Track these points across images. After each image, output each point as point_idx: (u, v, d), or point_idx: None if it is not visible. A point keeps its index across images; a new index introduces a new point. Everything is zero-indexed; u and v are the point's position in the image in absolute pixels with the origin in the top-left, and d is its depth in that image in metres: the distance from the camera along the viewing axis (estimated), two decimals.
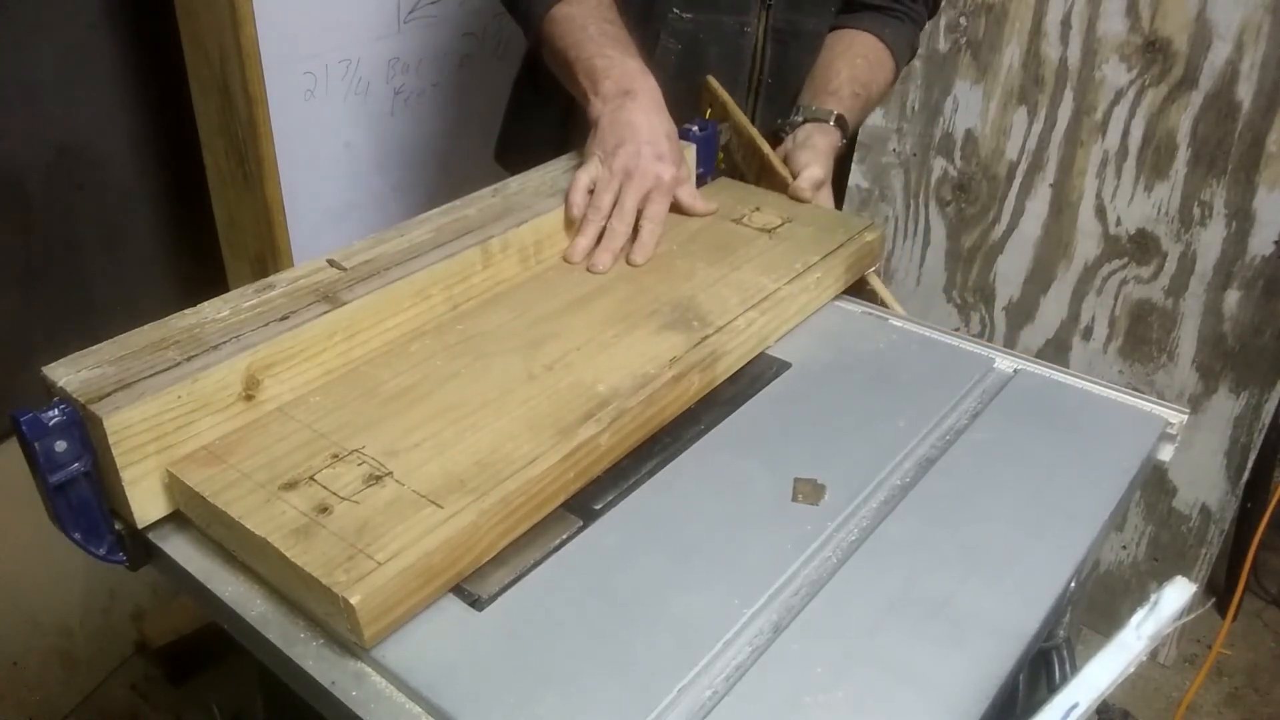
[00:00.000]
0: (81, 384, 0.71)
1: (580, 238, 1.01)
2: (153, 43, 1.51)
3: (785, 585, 0.70)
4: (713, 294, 0.95)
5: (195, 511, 0.72)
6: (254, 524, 0.67)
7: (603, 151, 1.03)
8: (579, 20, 1.11)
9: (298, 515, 0.67)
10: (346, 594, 0.61)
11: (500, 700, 0.61)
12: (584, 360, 0.85)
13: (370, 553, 0.64)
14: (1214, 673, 2.05)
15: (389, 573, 0.63)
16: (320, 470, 0.72)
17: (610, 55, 1.07)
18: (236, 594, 0.70)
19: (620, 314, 0.92)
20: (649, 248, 1.01)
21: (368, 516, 0.67)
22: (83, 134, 1.53)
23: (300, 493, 0.70)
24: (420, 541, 0.65)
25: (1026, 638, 0.66)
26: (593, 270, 0.98)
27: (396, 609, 0.64)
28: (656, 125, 1.04)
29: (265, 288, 0.86)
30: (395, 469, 0.72)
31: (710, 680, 0.63)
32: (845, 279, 1.04)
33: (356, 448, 0.74)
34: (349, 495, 0.69)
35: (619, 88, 1.04)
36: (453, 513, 0.68)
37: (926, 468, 0.81)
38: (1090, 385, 0.91)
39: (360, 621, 0.61)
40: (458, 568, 0.68)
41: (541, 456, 0.73)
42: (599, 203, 1.01)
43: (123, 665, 1.92)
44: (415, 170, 1.72)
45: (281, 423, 0.77)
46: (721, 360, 0.89)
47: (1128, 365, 1.93)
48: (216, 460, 0.73)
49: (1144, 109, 1.74)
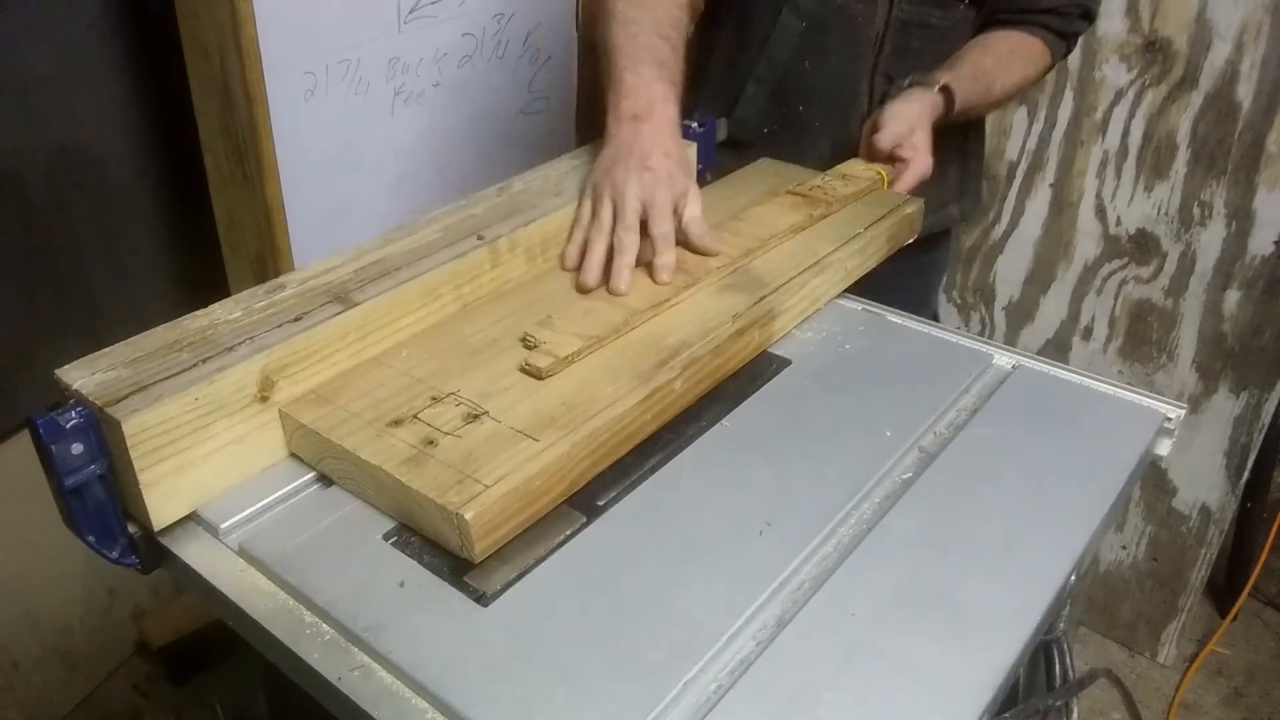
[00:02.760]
0: (97, 386, 0.72)
1: (589, 259, 0.97)
2: (153, 43, 1.52)
3: (788, 580, 0.70)
4: (767, 259, 1.01)
5: (308, 447, 0.79)
6: (369, 454, 0.73)
7: (596, 175, 1.02)
8: (634, 26, 1.07)
9: (407, 447, 0.74)
10: (461, 510, 0.67)
11: (506, 695, 0.61)
12: (655, 315, 0.92)
13: (478, 477, 0.71)
14: (1214, 673, 2.06)
15: (496, 494, 0.69)
16: (422, 410, 0.79)
17: (641, 73, 1.04)
18: (245, 594, 0.70)
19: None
20: (671, 263, 0.96)
21: (471, 448, 0.74)
22: (83, 134, 1.53)
23: (407, 429, 0.76)
24: (522, 468, 0.72)
25: (1027, 631, 0.66)
26: (614, 293, 0.94)
27: (503, 527, 0.70)
28: (655, 144, 1.00)
29: (276, 288, 0.86)
30: (490, 408, 0.79)
31: (715, 675, 0.63)
32: (887, 249, 1.10)
33: (453, 391, 0.81)
34: (451, 430, 0.76)
35: (633, 109, 1.03)
36: (548, 444, 0.74)
37: (927, 463, 0.82)
38: (1088, 380, 0.92)
39: (473, 536, 0.67)
40: (554, 493, 0.74)
41: (622, 398, 0.80)
42: (599, 222, 0.98)
43: (123, 665, 1.92)
44: (415, 170, 1.72)
45: (379, 371, 0.84)
46: (779, 318, 0.95)
47: (1127, 365, 1.93)
48: (325, 402, 0.80)
49: (1144, 109, 1.74)
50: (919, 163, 1.15)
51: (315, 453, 0.78)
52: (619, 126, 1.03)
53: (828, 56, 1.26)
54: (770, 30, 1.26)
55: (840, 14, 1.24)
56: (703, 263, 0.98)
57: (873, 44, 1.25)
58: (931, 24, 1.26)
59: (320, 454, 0.78)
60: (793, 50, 1.27)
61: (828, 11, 1.25)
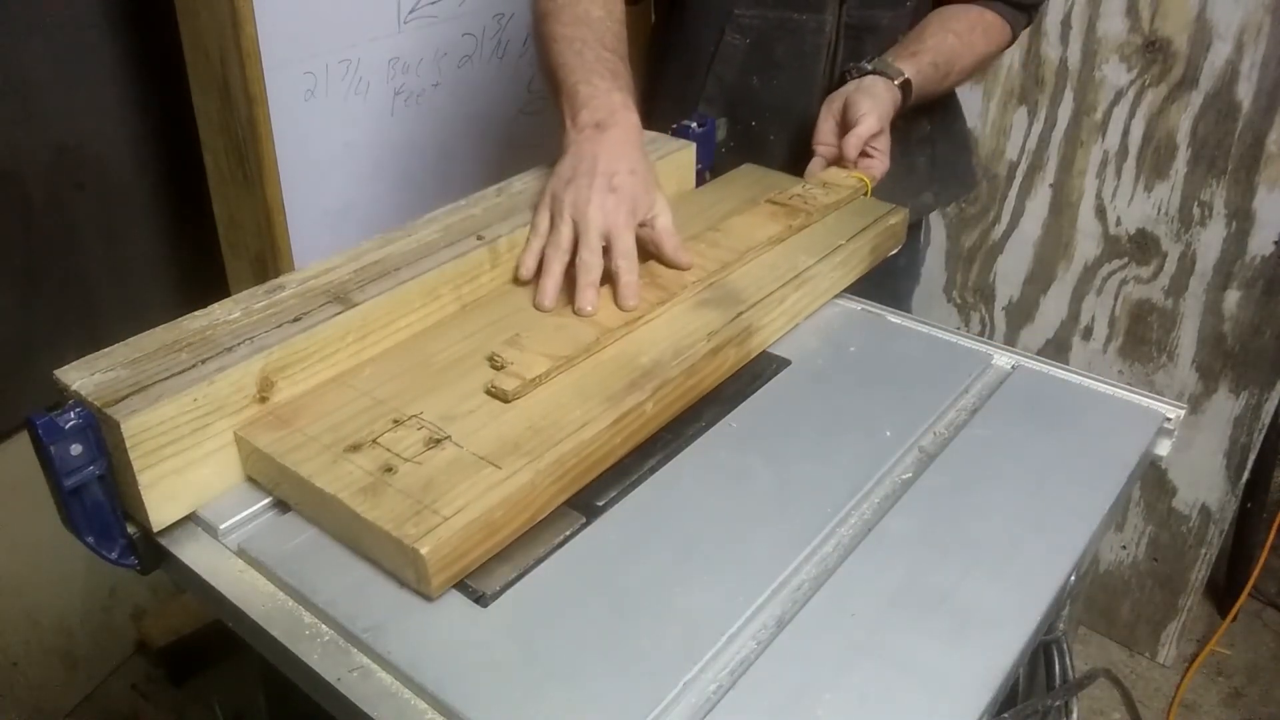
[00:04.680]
0: (96, 387, 0.71)
1: (545, 279, 0.93)
2: (153, 42, 1.52)
3: (788, 580, 0.70)
4: (745, 272, 0.98)
5: (263, 472, 0.76)
6: (324, 482, 0.70)
7: (555, 185, 0.96)
8: (578, 43, 1.05)
9: (364, 474, 0.71)
10: (417, 545, 0.64)
11: (505, 695, 0.61)
12: (627, 334, 0.88)
13: (436, 508, 0.68)
14: (1214, 673, 2.06)
15: (454, 526, 0.66)
16: (382, 434, 0.75)
17: (596, 84, 1.01)
18: (245, 594, 0.70)
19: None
20: (634, 285, 0.91)
21: (431, 475, 0.71)
22: (83, 134, 1.53)
23: (365, 454, 0.73)
24: (482, 498, 0.69)
25: (1027, 631, 0.66)
26: (580, 314, 0.89)
27: (461, 560, 0.67)
28: (618, 157, 0.96)
29: (275, 289, 0.86)
30: (453, 433, 0.76)
31: (715, 675, 0.63)
32: (870, 260, 1.07)
33: (415, 413, 0.78)
34: (411, 457, 0.73)
35: (594, 118, 0.98)
36: (511, 472, 0.71)
37: (926, 463, 0.82)
38: (1088, 380, 0.92)
39: (429, 571, 0.65)
40: (516, 524, 0.71)
41: (591, 422, 0.77)
42: (557, 238, 0.94)
43: (123, 665, 1.92)
44: (415, 170, 1.72)
45: (341, 391, 0.81)
46: (756, 335, 0.92)
47: (1128, 365, 1.93)
48: (283, 424, 0.76)
49: (1144, 109, 1.74)
50: (877, 167, 1.15)
51: (271, 478, 0.75)
52: (579, 134, 0.98)
53: (777, 71, 1.26)
54: (715, 49, 1.25)
55: (784, 27, 1.24)
56: (677, 277, 0.95)
57: (824, 53, 1.25)
58: (880, 26, 1.26)
59: (276, 479, 0.75)
60: (740, 68, 1.26)
61: (770, 26, 1.24)
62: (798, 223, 1.05)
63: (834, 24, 1.23)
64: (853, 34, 1.25)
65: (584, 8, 1.07)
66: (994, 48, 1.30)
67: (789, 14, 1.23)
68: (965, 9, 1.27)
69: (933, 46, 1.22)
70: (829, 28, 1.24)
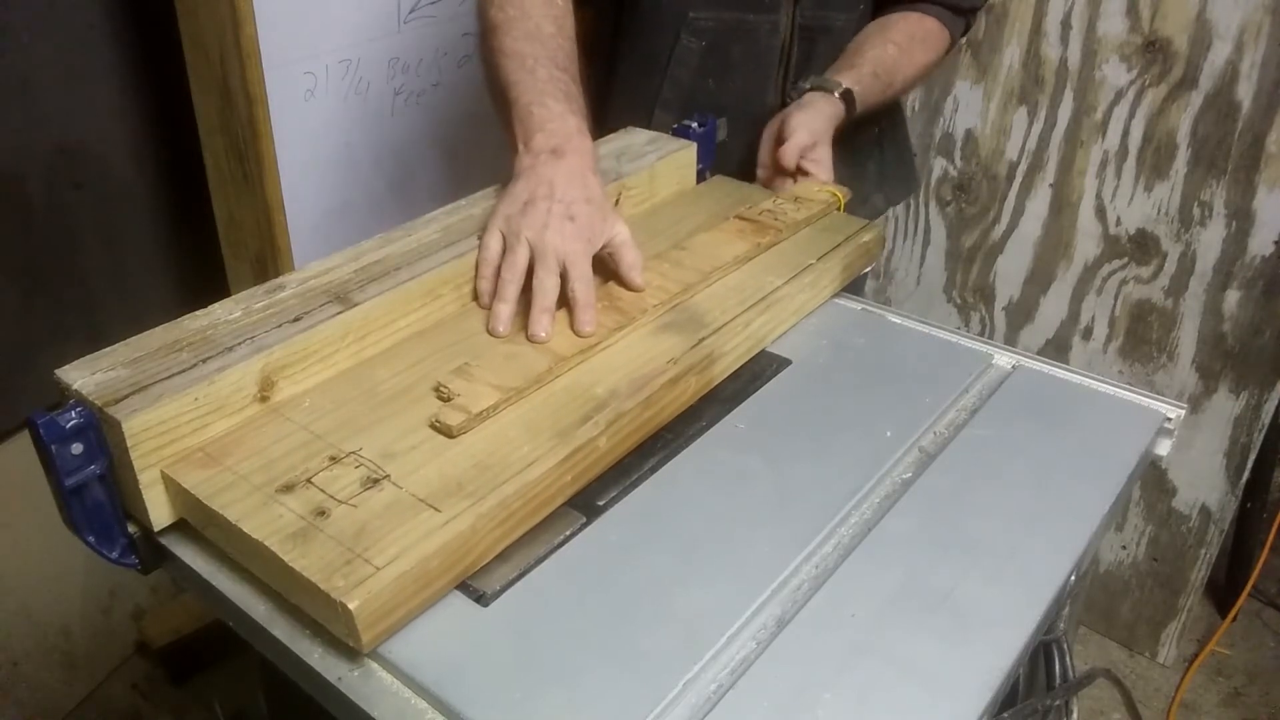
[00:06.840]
0: (97, 386, 0.71)
1: (499, 304, 0.89)
2: (153, 42, 1.52)
3: (788, 580, 0.70)
4: (710, 294, 0.94)
5: (192, 513, 0.72)
6: (251, 527, 0.66)
7: (510, 209, 0.93)
8: (530, 60, 1.02)
9: (295, 519, 0.67)
10: (344, 599, 0.60)
11: (506, 695, 0.61)
12: (582, 362, 0.85)
13: (368, 557, 0.63)
14: (1214, 673, 2.06)
15: (386, 578, 0.62)
16: (318, 473, 0.71)
17: (550, 106, 0.98)
18: (245, 594, 0.70)
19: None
20: (591, 310, 0.87)
21: (365, 520, 0.67)
22: (83, 134, 1.53)
23: (298, 495, 0.69)
24: (418, 546, 0.64)
25: (1027, 631, 0.66)
26: (534, 340, 0.85)
27: (394, 614, 0.63)
28: (575, 185, 0.93)
29: (276, 288, 0.86)
30: (393, 471, 0.71)
31: (715, 674, 0.63)
32: (842, 279, 1.04)
33: (354, 450, 0.73)
34: (346, 499, 0.69)
35: (549, 144, 0.95)
36: (450, 517, 0.67)
37: (927, 463, 0.82)
38: (1088, 380, 0.92)
39: (358, 627, 0.61)
40: (455, 572, 0.67)
41: (540, 459, 0.73)
42: (513, 260, 0.90)
43: (123, 665, 1.92)
44: (415, 170, 1.72)
45: (278, 424, 0.76)
46: (719, 362, 0.88)
47: (1128, 365, 1.93)
48: (213, 462, 0.72)
49: (1144, 109, 1.74)
50: (819, 179, 1.14)
51: (200, 520, 0.71)
52: (534, 159, 0.95)
53: (732, 73, 1.26)
54: (670, 53, 1.25)
55: (738, 29, 1.24)
56: (638, 300, 0.90)
57: (778, 54, 1.25)
58: (834, 27, 1.26)
59: (205, 521, 0.70)
60: (695, 70, 1.26)
61: (725, 28, 1.24)
62: (766, 240, 1.01)
63: (788, 25, 1.24)
64: (807, 35, 1.25)
65: (535, 23, 1.04)
66: (934, 56, 1.31)
67: (744, 15, 1.23)
68: (904, 16, 1.28)
69: (872, 58, 1.23)
70: (783, 29, 1.24)
